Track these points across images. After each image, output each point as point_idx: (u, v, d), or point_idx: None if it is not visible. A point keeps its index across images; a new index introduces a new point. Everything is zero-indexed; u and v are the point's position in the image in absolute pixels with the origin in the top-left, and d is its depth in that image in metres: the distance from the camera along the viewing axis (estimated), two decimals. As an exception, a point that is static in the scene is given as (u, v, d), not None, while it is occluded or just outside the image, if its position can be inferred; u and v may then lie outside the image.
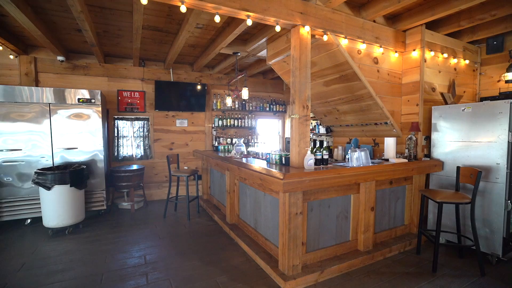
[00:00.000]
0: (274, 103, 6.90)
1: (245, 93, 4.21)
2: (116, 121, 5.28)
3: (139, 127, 5.48)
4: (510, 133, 2.73)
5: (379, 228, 3.15)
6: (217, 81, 6.26)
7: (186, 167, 5.95)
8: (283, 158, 3.01)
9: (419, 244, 3.11)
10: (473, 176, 2.81)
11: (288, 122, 7.20)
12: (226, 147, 4.94)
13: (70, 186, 3.70)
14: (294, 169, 2.61)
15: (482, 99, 3.39)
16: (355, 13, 3.21)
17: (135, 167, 4.90)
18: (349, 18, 3.10)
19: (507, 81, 3.69)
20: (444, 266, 2.84)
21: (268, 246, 2.93)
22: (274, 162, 3.14)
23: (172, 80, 5.69)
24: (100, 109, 4.38)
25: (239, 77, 4.51)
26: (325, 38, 2.95)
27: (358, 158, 2.93)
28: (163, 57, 5.38)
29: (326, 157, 3.03)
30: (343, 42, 3.09)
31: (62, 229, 3.80)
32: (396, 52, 3.52)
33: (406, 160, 3.22)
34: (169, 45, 4.62)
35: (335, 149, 4.48)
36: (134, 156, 5.46)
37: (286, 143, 4.22)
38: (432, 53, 3.48)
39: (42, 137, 4.10)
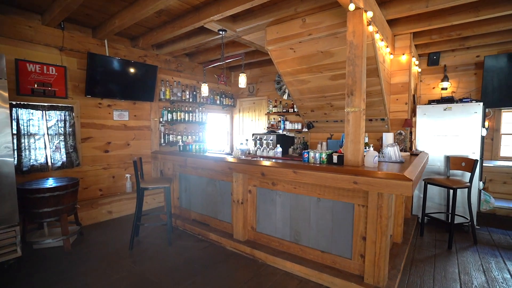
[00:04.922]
0: (223, 96, 6.22)
1: (242, 81, 3.49)
2: (15, 109, 3.26)
3: (57, 121, 3.61)
4: (483, 128, 3.49)
5: (397, 218, 3.35)
6: (165, 65, 4.99)
7: (127, 175, 4.44)
8: (335, 157, 2.68)
9: (422, 227, 3.53)
10: (464, 164, 3.43)
11: (237, 117, 6.68)
12: (201, 146, 4.00)
13: (-30, 228, 1.97)
14: (351, 168, 2.34)
15: (431, 102, 4.20)
16: (376, 10, 3.24)
17: (50, 182, 3.17)
18: (379, 14, 3.09)
19: (442, 89, 4.74)
20: (447, 242, 3.32)
21: (329, 259, 2.54)
22: (319, 162, 2.75)
23: (108, 55, 4.06)
24: (6, 87, 2.56)
25: (229, 60, 3.72)
26: (370, 28, 2.81)
27: (394, 153, 2.98)
28: (98, 22, 3.74)
29: (368, 153, 2.92)
30: (376, 36, 3.05)
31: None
32: (391, 54, 3.83)
33: (409, 153, 3.55)
34: (127, 3, 3.24)
35: (318, 145, 4.46)
36: (50, 164, 3.56)
37: (259, 140, 3.88)
38: (414, 59, 4.00)
39: None
